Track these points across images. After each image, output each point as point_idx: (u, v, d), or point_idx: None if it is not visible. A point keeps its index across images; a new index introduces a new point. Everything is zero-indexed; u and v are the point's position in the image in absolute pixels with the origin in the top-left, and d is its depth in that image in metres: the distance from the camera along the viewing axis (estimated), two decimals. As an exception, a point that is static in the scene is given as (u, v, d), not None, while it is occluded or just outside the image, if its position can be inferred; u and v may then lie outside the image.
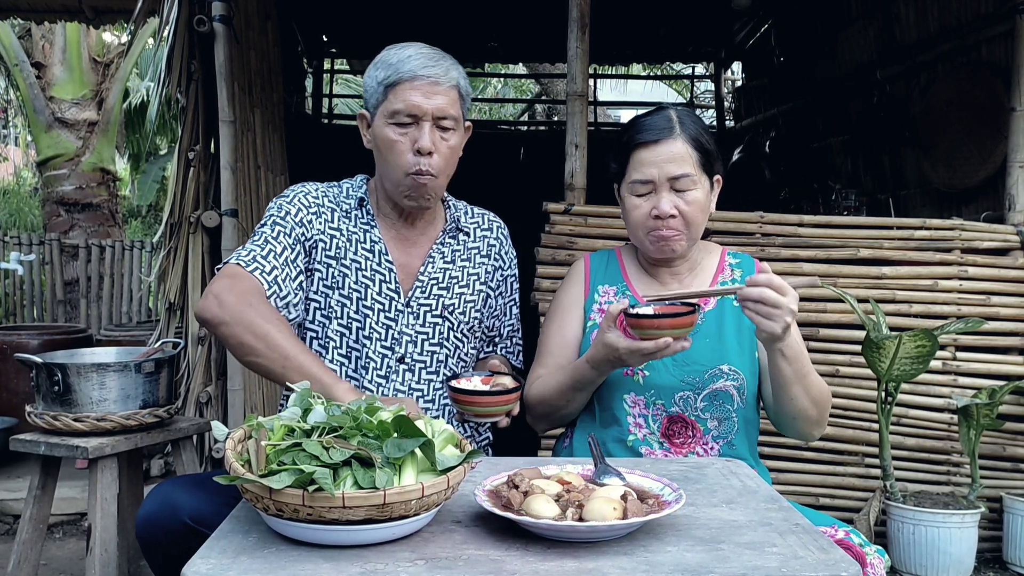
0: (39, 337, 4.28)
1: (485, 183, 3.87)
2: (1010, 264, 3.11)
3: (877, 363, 2.74)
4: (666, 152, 1.67)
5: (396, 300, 1.78)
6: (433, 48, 1.73)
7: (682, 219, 1.68)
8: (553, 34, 4.37)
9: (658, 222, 1.68)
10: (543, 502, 1.14)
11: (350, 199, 1.82)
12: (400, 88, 1.67)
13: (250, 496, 1.10)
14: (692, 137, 1.69)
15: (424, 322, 1.79)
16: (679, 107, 1.80)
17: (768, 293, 1.48)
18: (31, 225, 10.52)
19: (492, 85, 14.30)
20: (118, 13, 4.72)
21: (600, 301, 1.80)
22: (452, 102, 1.70)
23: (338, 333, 1.76)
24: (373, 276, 1.77)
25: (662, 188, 1.68)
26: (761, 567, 1.05)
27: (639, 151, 1.70)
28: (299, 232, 1.73)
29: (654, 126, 1.71)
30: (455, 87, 1.71)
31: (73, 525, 3.51)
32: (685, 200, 1.67)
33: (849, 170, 5.36)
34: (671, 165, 1.67)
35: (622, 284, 1.81)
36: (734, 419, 1.70)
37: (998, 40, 3.80)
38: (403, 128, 1.68)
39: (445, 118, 1.69)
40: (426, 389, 1.80)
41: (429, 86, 1.67)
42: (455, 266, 1.85)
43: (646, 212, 1.69)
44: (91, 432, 2.16)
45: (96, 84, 6.91)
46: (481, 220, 1.93)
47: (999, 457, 3.12)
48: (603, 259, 1.88)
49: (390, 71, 1.68)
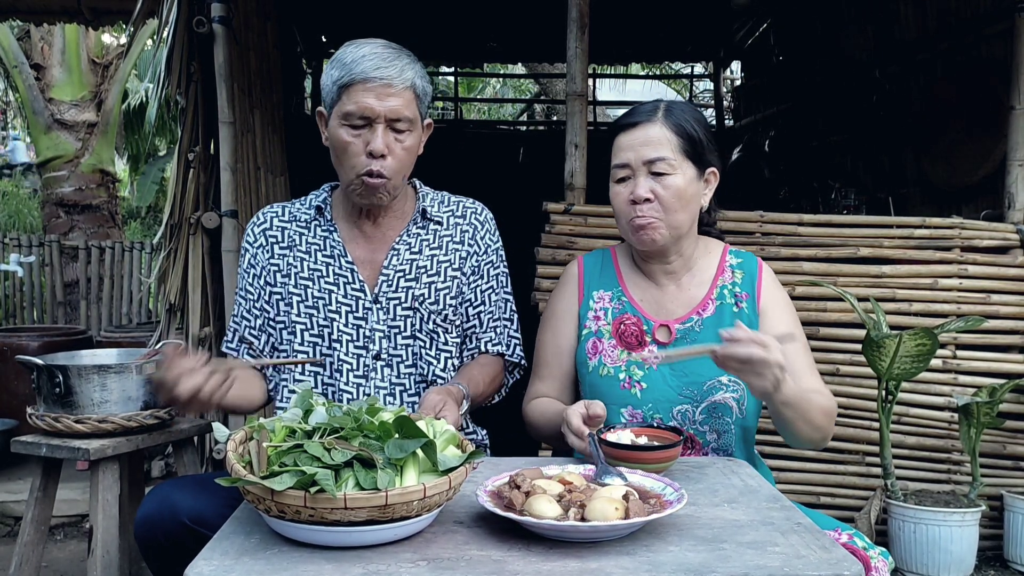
0: (39, 339, 4.28)
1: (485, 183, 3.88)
2: (1010, 262, 3.11)
3: (877, 362, 2.74)
4: (642, 136, 1.65)
5: (363, 298, 1.78)
6: (390, 46, 1.70)
7: (659, 204, 1.63)
8: (552, 34, 4.37)
9: (635, 208, 1.64)
10: (545, 502, 1.14)
11: (311, 209, 1.85)
12: (353, 89, 1.65)
13: (252, 497, 1.10)
14: (675, 123, 1.65)
15: (395, 316, 1.79)
16: (681, 102, 1.76)
17: (755, 352, 1.40)
18: (31, 227, 10.50)
19: (491, 85, 14.29)
20: (117, 14, 4.72)
21: (595, 308, 1.76)
22: (407, 103, 1.67)
23: (310, 344, 1.79)
24: (336, 280, 1.79)
25: (639, 172, 1.64)
26: (763, 566, 1.05)
27: (620, 136, 1.68)
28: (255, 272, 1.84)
29: (638, 111, 1.69)
30: (410, 88, 1.68)
31: (74, 527, 3.51)
32: (662, 184, 1.63)
33: (849, 169, 5.36)
34: (646, 148, 1.64)
35: (617, 289, 1.77)
36: (732, 431, 1.68)
37: (997, 38, 3.80)
38: (356, 130, 1.67)
39: (399, 120, 1.67)
40: (407, 383, 1.79)
41: (382, 88, 1.64)
42: (423, 256, 1.82)
43: (625, 198, 1.67)
44: (92, 434, 2.16)
45: (95, 85, 6.90)
46: (456, 207, 1.89)
47: (1000, 455, 3.12)
48: (597, 260, 1.83)
49: (343, 71, 1.66)
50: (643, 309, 1.74)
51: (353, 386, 1.77)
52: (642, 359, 1.67)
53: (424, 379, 1.80)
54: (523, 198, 4.04)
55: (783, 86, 6.32)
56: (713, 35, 7.18)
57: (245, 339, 1.86)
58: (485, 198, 1.99)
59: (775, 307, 1.73)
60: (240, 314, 1.87)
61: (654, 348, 1.69)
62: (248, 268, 1.86)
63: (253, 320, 1.85)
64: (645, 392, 1.67)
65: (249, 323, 1.85)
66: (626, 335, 1.71)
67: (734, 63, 8.18)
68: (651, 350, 1.69)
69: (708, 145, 1.69)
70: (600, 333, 1.73)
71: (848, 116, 5.32)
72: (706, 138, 1.68)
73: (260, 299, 1.84)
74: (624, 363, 1.69)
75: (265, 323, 1.84)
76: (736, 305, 1.72)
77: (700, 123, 1.69)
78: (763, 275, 1.75)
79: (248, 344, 1.86)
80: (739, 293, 1.73)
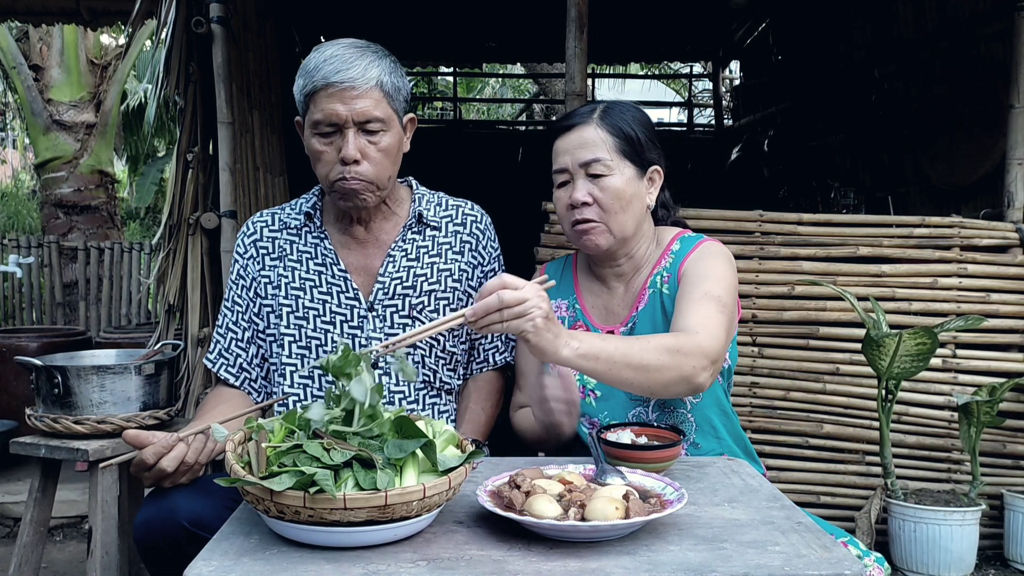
0: (38, 340, 4.27)
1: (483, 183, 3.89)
2: (1009, 261, 3.11)
3: (877, 361, 2.74)
4: (577, 138, 1.62)
5: (357, 307, 1.74)
6: (354, 45, 1.64)
7: (598, 207, 1.61)
8: (551, 34, 4.37)
9: (574, 211, 1.62)
10: (545, 502, 1.14)
11: (300, 215, 1.80)
12: (317, 97, 1.60)
13: (251, 498, 1.09)
14: (611, 124, 1.62)
15: (392, 324, 1.75)
16: (621, 102, 1.72)
17: (506, 295, 1.30)
18: (29, 228, 10.51)
19: (490, 85, 14.29)
20: (115, 15, 4.71)
21: None
22: (375, 103, 1.61)
23: (298, 356, 1.76)
24: (329, 289, 1.75)
25: (577, 175, 1.62)
26: (764, 565, 1.05)
27: (557, 140, 1.66)
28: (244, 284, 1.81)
29: (574, 114, 1.67)
30: (376, 87, 1.61)
31: (74, 528, 3.51)
32: (599, 186, 1.60)
33: (848, 168, 5.36)
34: (582, 151, 1.61)
35: (572, 297, 1.75)
36: (690, 420, 1.66)
37: (996, 37, 3.81)
38: (327, 137, 1.62)
39: (369, 121, 1.61)
40: (407, 390, 1.77)
41: (346, 91, 1.59)
42: (421, 264, 1.78)
43: (565, 203, 1.64)
44: (91, 434, 2.16)
45: (94, 86, 6.91)
46: (455, 213, 1.84)
47: (1000, 454, 3.12)
48: (558, 268, 1.81)
49: (306, 79, 1.62)
50: (592, 317, 1.73)
51: None
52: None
53: (426, 384, 1.79)
54: (522, 198, 4.03)
55: (782, 85, 6.32)
56: (712, 35, 7.19)
57: (230, 351, 1.82)
58: (484, 198, 1.98)
59: (691, 272, 1.63)
60: (226, 325, 1.83)
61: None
62: (237, 279, 1.82)
63: (241, 332, 1.81)
64: (600, 400, 1.67)
65: (236, 335, 1.82)
66: None
67: (733, 63, 8.19)
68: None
69: (648, 144, 1.65)
70: None
71: (847, 115, 5.32)
72: (645, 137, 1.65)
73: (248, 311, 1.80)
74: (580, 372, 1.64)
75: (254, 335, 1.81)
76: (665, 289, 1.67)
77: (639, 122, 1.66)
78: (694, 251, 1.67)
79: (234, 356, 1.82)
80: (666, 276, 1.68)
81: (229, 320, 1.83)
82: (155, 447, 1.45)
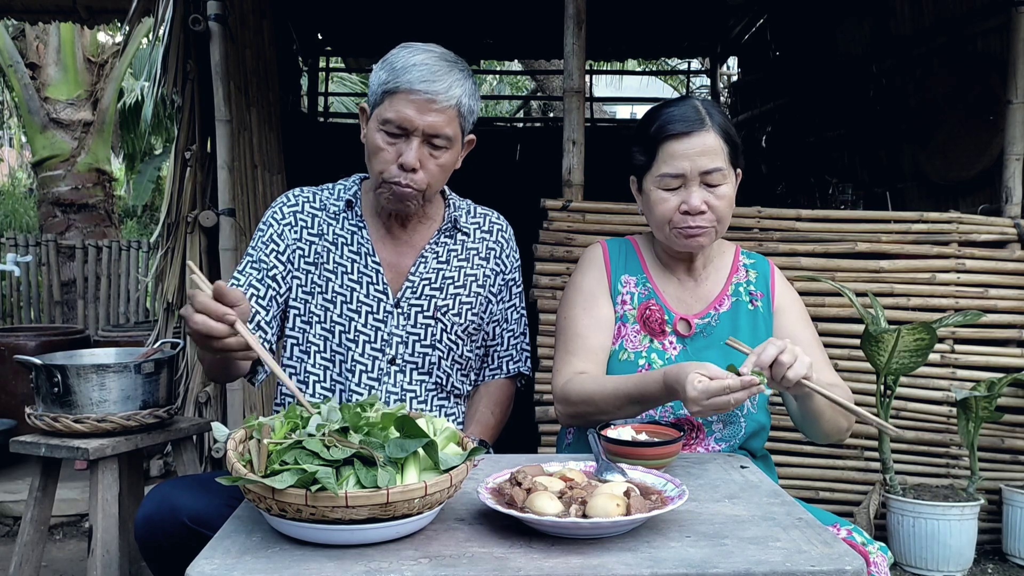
0: (37, 338, 4.27)
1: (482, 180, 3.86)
2: (1007, 256, 3.11)
3: (876, 356, 2.75)
4: (699, 145, 1.61)
5: (384, 301, 1.75)
6: (445, 58, 1.65)
7: (712, 214, 1.63)
8: (549, 30, 4.36)
9: (687, 217, 1.63)
10: (546, 499, 1.14)
11: (340, 201, 1.80)
12: (396, 98, 1.61)
13: (253, 496, 1.10)
14: (723, 129, 1.63)
15: (415, 323, 1.76)
16: (702, 98, 1.74)
17: (785, 356, 1.41)
18: (27, 226, 10.49)
19: (487, 82, 14.28)
20: (112, 13, 4.71)
21: (623, 292, 1.74)
22: (448, 120, 1.63)
23: (321, 338, 1.75)
24: (360, 278, 1.75)
25: (692, 182, 1.62)
26: (765, 561, 1.05)
27: (669, 143, 1.63)
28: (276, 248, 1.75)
29: (684, 117, 1.64)
30: (454, 106, 1.63)
31: (74, 526, 3.51)
32: (716, 195, 1.62)
33: (846, 164, 5.36)
34: (703, 159, 1.61)
35: (643, 276, 1.76)
36: (741, 423, 1.68)
37: (993, 33, 3.81)
38: (392, 137, 1.63)
39: (438, 136, 1.63)
40: (418, 390, 1.78)
41: (425, 102, 1.60)
42: (450, 267, 1.81)
43: (674, 206, 1.64)
44: (91, 433, 2.16)
45: (91, 84, 6.89)
46: (482, 221, 1.87)
47: (998, 449, 3.13)
48: (620, 248, 1.81)
49: (391, 76, 1.61)
50: (666, 299, 1.74)
51: (365, 387, 1.74)
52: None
53: (437, 386, 1.80)
54: (520, 195, 4.03)
55: (780, 82, 6.32)
56: (709, 31, 7.18)
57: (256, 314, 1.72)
58: (482, 196, 1.99)
59: (790, 307, 1.76)
60: (248, 283, 1.73)
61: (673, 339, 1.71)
62: (268, 241, 1.76)
63: (263, 290, 1.73)
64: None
65: (257, 292, 1.73)
66: (650, 321, 1.71)
67: (731, 59, 8.18)
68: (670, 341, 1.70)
69: (741, 146, 1.69)
70: (625, 318, 1.72)
71: (845, 111, 5.33)
72: (739, 139, 1.68)
73: (275, 273, 1.74)
74: (646, 349, 1.69)
75: (273, 298, 1.75)
76: (751, 303, 1.74)
77: (731, 123, 1.69)
78: (775, 276, 1.78)
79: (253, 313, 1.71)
80: (754, 292, 1.75)
81: (253, 278, 1.74)
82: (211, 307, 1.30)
